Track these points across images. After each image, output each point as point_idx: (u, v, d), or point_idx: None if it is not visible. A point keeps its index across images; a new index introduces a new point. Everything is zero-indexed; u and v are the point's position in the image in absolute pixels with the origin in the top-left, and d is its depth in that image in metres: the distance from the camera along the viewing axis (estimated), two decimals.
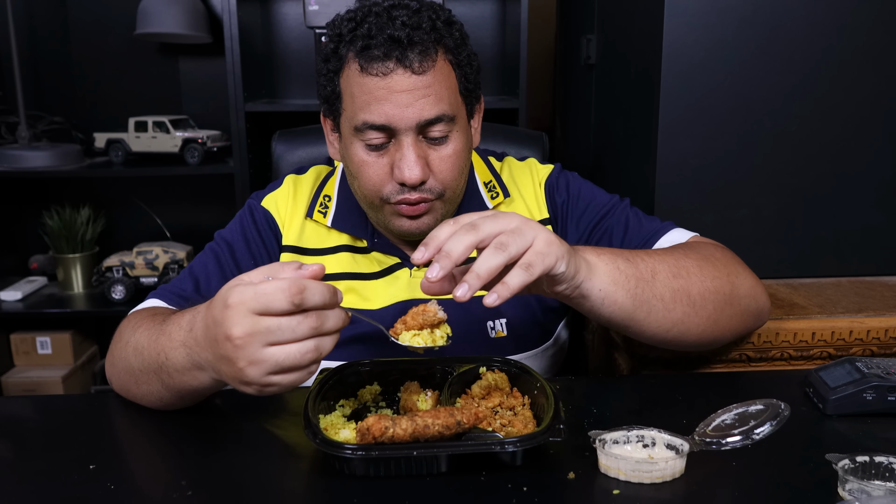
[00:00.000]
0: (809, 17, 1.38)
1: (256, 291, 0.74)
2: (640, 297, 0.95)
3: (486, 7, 2.71)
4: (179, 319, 0.89)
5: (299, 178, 1.28)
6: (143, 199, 2.84)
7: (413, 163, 1.05)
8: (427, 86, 1.03)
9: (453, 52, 1.08)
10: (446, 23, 1.08)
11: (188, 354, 0.86)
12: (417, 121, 1.04)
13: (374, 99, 1.03)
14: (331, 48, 1.08)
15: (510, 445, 0.79)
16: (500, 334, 1.18)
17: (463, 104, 1.11)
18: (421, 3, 1.07)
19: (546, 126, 2.72)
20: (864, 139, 1.44)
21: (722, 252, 1.09)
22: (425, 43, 1.03)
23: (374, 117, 1.04)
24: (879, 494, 0.72)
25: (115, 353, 1.03)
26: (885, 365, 0.98)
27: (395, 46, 1.02)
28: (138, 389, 0.97)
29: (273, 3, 2.70)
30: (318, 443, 0.79)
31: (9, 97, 2.58)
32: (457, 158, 1.09)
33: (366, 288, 1.19)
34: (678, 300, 0.98)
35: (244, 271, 1.11)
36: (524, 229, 0.83)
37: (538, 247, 0.83)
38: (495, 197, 1.23)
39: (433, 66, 1.04)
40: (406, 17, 1.03)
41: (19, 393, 2.60)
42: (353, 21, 1.06)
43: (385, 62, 1.02)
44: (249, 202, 1.25)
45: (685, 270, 1.00)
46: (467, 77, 1.11)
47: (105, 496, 0.78)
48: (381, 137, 1.06)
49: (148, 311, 1.06)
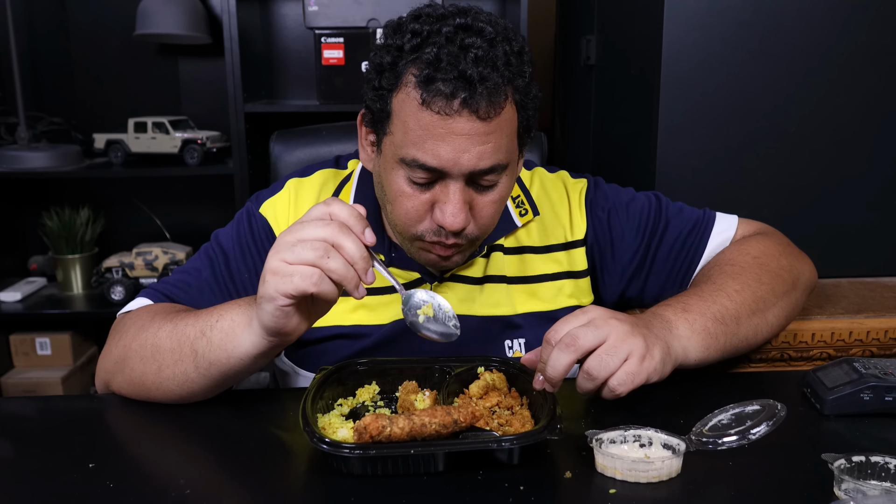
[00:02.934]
0: (809, 18, 1.38)
1: (343, 205, 0.87)
2: (728, 347, 1.03)
3: (486, 7, 2.69)
4: (238, 299, 0.98)
5: (302, 182, 1.19)
6: (143, 199, 2.84)
7: (458, 210, 0.97)
8: (489, 132, 0.94)
9: (522, 92, 0.98)
10: (519, 55, 0.97)
11: (244, 311, 0.92)
12: (472, 169, 0.96)
13: (430, 136, 0.94)
14: (387, 61, 0.97)
15: (507, 444, 0.79)
16: (517, 354, 1.14)
17: (518, 147, 1.03)
18: (495, 28, 0.96)
19: (546, 126, 2.72)
20: (863, 139, 1.44)
21: (779, 253, 1.14)
22: (497, 85, 0.93)
23: (427, 158, 0.95)
24: (875, 494, 0.72)
25: (117, 352, 1.02)
26: (882, 365, 0.98)
27: (464, 86, 0.91)
28: (160, 375, 0.97)
29: (272, 4, 2.70)
30: (315, 442, 0.79)
31: (8, 98, 2.58)
32: (500, 204, 1.03)
33: (379, 303, 1.13)
34: (759, 332, 1.07)
35: (238, 282, 1.13)
36: (619, 348, 0.87)
37: (629, 367, 0.88)
38: (524, 214, 1.17)
39: (499, 113, 0.95)
40: (480, 51, 0.92)
41: (19, 394, 2.60)
42: (418, 36, 0.95)
43: (450, 101, 0.92)
44: (248, 206, 1.19)
45: (762, 302, 1.07)
46: (529, 117, 1.01)
47: (104, 495, 0.78)
48: (427, 177, 0.98)
49: (156, 311, 1.05)
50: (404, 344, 1.12)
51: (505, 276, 1.15)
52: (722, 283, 1.06)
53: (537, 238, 1.18)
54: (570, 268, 1.18)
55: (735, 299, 1.04)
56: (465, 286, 1.14)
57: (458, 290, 1.14)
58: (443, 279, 1.14)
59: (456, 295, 1.14)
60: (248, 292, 1.12)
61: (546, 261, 1.17)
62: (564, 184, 1.23)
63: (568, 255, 1.18)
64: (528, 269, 1.17)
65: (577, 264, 1.18)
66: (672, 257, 1.19)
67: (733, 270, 1.09)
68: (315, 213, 0.87)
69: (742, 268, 1.10)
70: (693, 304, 1.01)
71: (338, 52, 2.36)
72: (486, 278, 1.15)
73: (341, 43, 2.36)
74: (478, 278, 1.15)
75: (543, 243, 1.17)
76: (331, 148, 1.53)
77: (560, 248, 1.18)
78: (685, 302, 1.02)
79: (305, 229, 0.84)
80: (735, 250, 1.15)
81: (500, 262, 1.15)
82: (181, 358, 0.94)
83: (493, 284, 1.15)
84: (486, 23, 0.96)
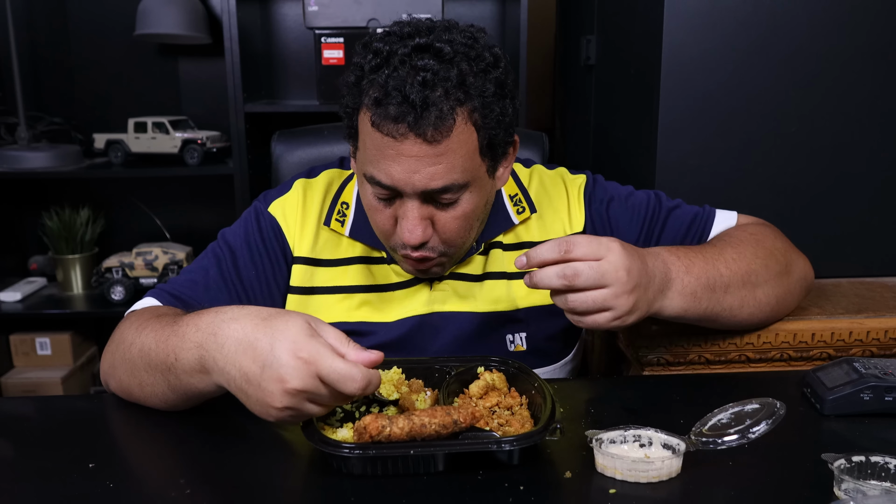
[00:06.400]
0: (809, 18, 1.38)
1: (333, 367, 0.76)
2: (708, 313, 1.06)
3: (486, 7, 2.71)
4: (197, 320, 0.87)
5: (310, 182, 1.21)
6: (143, 199, 2.84)
7: (414, 226, 1.00)
8: (438, 154, 0.95)
9: (480, 112, 0.97)
10: (483, 73, 0.97)
11: (200, 357, 0.85)
12: (423, 189, 0.98)
13: (383, 157, 0.97)
14: (351, 80, 1.01)
15: (507, 444, 0.79)
16: (519, 348, 1.16)
17: (484, 162, 1.02)
18: (454, 47, 0.95)
19: (546, 126, 2.72)
20: (863, 139, 1.44)
21: (774, 236, 1.16)
22: (442, 109, 0.93)
23: (381, 176, 0.98)
24: (875, 494, 0.72)
25: (115, 354, 1.01)
26: (882, 365, 0.98)
27: (409, 110, 0.93)
28: (142, 392, 0.96)
29: (272, 4, 2.70)
30: (315, 441, 0.79)
31: (8, 98, 2.58)
32: (464, 220, 1.03)
33: (381, 300, 1.15)
34: (744, 305, 1.09)
35: (245, 280, 1.13)
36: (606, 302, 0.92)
37: (599, 318, 0.93)
38: (521, 212, 1.18)
39: (448, 135, 0.95)
40: (429, 73, 0.93)
41: (19, 394, 2.60)
42: (378, 56, 0.96)
43: (397, 125, 0.94)
44: (257, 205, 1.20)
45: (754, 275, 1.08)
46: (492, 135, 1.00)
47: (104, 495, 0.78)
48: (387, 193, 1.01)
49: (151, 312, 1.04)
50: (411, 343, 1.12)
51: (505, 272, 1.16)
52: (722, 249, 1.08)
53: (537, 233, 1.18)
54: None
55: (731, 267, 1.06)
56: (465, 283, 1.15)
57: (457, 288, 1.15)
58: (442, 277, 1.14)
59: (456, 292, 1.15)
60: (254, 291, 1.14)
61: None
62: (563, 179, 1.23)
63: None
64: None
65: None
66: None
67: (731, 241, 1.12)
68: (285, 359, 0.78)
69: (740, 240, 1.12)
70: (696, 265, 1.04)
71: (338, 52, 2.36)
72: (486, 275, 1.16)
73: (341, 43, 2.36)
74: (477, 275, 1.16)
75: (543, 238, 1.18)
76: (332, 148, 1.53)
77: None
78: (691, 260, 1.04)
79: (330, 396, 0.79)
80: (735, 228, 1.19)
81: (499, 259, 1.16)
82: (157, 381, 0.93)
83: (492, 281, 1.16)
84: (447, 42, 0.96)
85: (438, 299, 1.15)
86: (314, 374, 0.76)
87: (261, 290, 1.15)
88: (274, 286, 1.15)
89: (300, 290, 1.16)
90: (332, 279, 1.16)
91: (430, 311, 1.14)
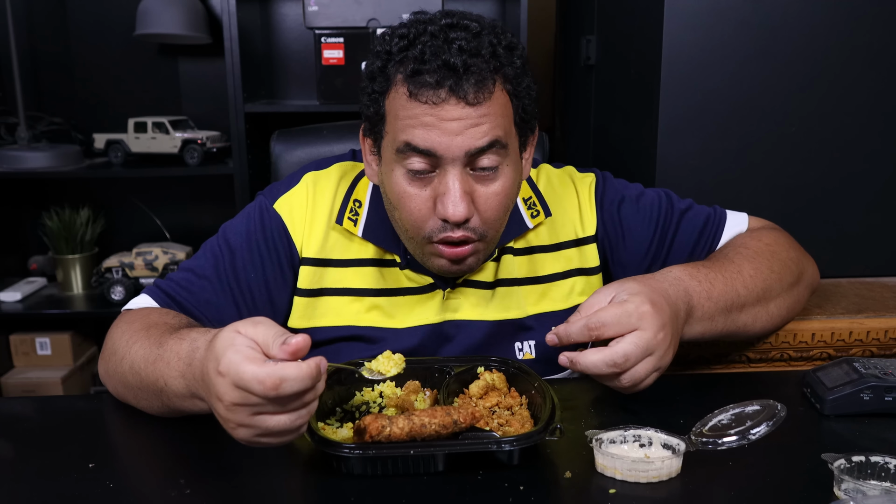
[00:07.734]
0: (809, 18, 1.38)
1: (239, 374, 0.71)
2: (722, 333, 1.06)
3: (486, 7, 2.71)
4: (177, 348, 0.87)
5: (319, 175, 1.15)
6: (143, 199, 2.84)
7: (458, 198, 0.96)
8: (480, 115, 0.95)
9: (512, 82, 0.99)
10: (508, 48, 0.99)
11: (187, 386, 0.85)
12: (467, 150, 0.95)
13: (421, 124, 0.95)
14: (377, 66, 0.99)
15: (507, 444, 0.79)
16: (527, 356, 1.13)
17: (517, 135, 1.03)
18: (482, 24, 0.98)
19: (546, 126, 2.72)
20: (863, 139, 1.44)
21: (789, 245, 1.16)
22: (483, 72, 0.94)
23: (417, 140, 0.95)
24: (875, 494, 0.72)
25: (109, 363, 1.00)
26: (882, 365, 0.98)
27: (449, 74, 0.93)
28: (138, 404, 0.97)
29: (272, 4, 2.70)
30: (315, 441, 0.79)
31: (8, 98, 2.58)
32: (504, 197, 1.01)
33: (392, 305, 1.12)
34: (757, 320, 1.09)
35: (243, 282, 1.10)
36: (649, 362, 0.91)
37: (649, 380, 0.92)
38: (535, 216, 1.15)
39: (489, 98, 0.95)
40: (464, 42, 0.94)
41: (19, 394, 2.60)
42: (405, 39, 0.97)
43: (437, 90, 0.93)
44: (261, 200, 1.14)
45: (769, 291, 1.08)
46: (525, 108, 1.02)
47: (104, 494, 0.78)
48: (424, 163, 0.97)
49: (142, 320, 1.01)
50: (423, 352, 1.10)
51: (515, 278, 1.14)
52: (740, 265, 1.07)
53: (546, 237, 1.16)
54: (582, 265, 1.17)
55: (748, 286, 1.06)
56: (478, 291, 1.13)
57: (470, 296, 1.13)
58: (455, 285, 1.12)
59: (468, 301, 1.13)
60: (252, 293, 1.10)
61: (556, 259, 1.16)
62: (572, 179, 1.21)
63: (579, 252, 1.17)
64: (537, 269, 1.15)
65: (588, 261, 1.17)
66: (688, 251, 1.17)
67: (749, 253, 1.11)
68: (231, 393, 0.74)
69: (756, 252, 1.11)
70: (717, 288, 1.03)
71: (338, 52, 2.36)
72: (498, 282, 1.14)
73: (341, 43, 2.36)
74: (489, 282, 1.14)
75: (553, 241, 1.16)
76: (332, 147, 1.53)
77: (570, 244, 1.17)
78: (712, 283, 1.03)
79: (269, 405, 0.74)
80: (749, 236, 1.17)
81: (510, 265, 1.14)
82: (151, 399, 0.93)
83: (504, 288, 1.14)
84: (473, 20, 0.98)
85: (451, 307, 1.12)
86: (232, 385, 0.72)
87: (260, 292, 1.11)
88: (275, 290, 1.11)
89: (308, 293, 1.12)
90: (341, 280, 1.12)
91: (443, 320, 1.12)
